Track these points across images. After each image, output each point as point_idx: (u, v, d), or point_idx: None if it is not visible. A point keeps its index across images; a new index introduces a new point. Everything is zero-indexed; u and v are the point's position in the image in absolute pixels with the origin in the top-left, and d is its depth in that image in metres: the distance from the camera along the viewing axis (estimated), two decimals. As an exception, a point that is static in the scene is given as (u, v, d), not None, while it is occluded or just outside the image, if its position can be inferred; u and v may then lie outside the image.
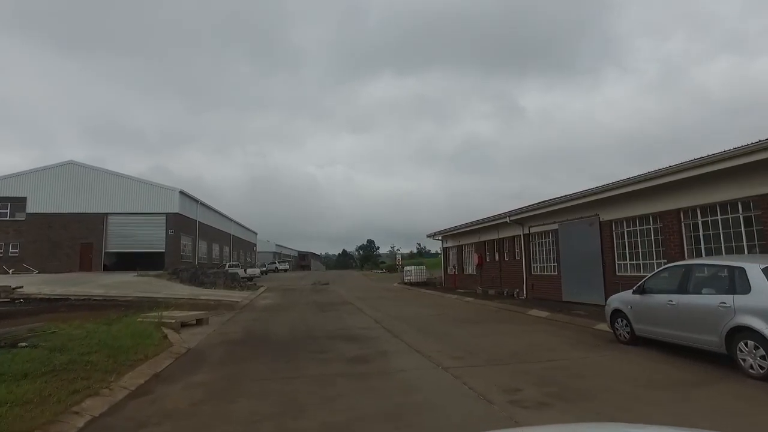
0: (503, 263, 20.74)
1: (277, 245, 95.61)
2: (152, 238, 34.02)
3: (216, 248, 47.05)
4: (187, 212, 36.88)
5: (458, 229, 25.22)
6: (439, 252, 48.47)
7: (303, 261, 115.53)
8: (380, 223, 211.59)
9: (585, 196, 14.08)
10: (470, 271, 24.63)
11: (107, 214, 33.79)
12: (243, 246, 62.11)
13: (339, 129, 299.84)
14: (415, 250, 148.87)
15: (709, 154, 9.40)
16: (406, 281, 30.18)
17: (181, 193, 35.19)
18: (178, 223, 34.64)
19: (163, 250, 33.86)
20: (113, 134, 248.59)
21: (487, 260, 22.42)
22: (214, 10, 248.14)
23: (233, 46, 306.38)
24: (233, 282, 27.93)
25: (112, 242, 33.86)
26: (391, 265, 73.00)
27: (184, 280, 25.34)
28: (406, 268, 30.20)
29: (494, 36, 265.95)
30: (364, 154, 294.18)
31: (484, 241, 22.66)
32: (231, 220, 54.21)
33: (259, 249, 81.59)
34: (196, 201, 39.34)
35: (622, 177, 12.51)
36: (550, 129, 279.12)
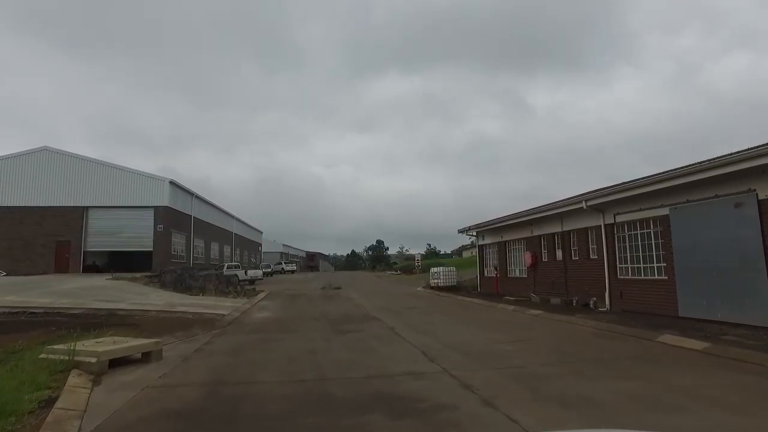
0: (570, 263, 16.01)
1: (284, 245, 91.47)
2: (139, 235, 29.68)
3: (215, 247, 42.71)
4: (179, 206, 32.51)
5: (501, 221, 20.52)
6: (454, 252, 43.23)
7: (311, 261, 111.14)
8: (388, 224, 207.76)
9: (730, 164, 9.32)
10: (517, 274, 19.94)
11: (87, 207, 29.52)
12: (246, 245, 57.83)
13: (345, 128, 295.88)
14: (424, 251, 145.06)
15: None
16: (433, 285, 25.55)
17: (172, 183, 30.83)
18: (168, 218, 30.28)
19: (151, 249, 29.50)
20: (120, 135, 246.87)
21: (544, 259, 17.72)
22: (217, 9, 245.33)
23: (238, 46, 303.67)
24: (228, 286, 23.49)
25: (93, 240, 29.56)
26: (407, 265, 68.42)
27: (166, 285, 20.92)
28: (434, 269, 25.60)
29: (502, 32, 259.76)
30: (371, 154, 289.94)
31: (540, 236, 17.94)
32: (233, 217, 49.90)
33: (264, 249, 77.42)
34: (191, 194, 34.97)
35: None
36: (558, 127, 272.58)
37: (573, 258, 15.88)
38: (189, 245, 34.33)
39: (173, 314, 13.39)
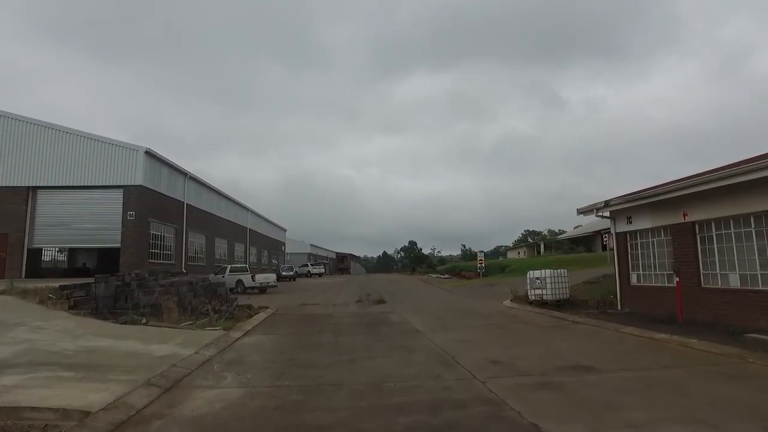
0: None
1: (311, 245, 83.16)
2: (105, 226, 21.43)
3: (222, 245, 34.35)
4: (164, 188, 24.15)
5: (686, 186, 10.77)
6: (500, 252, 33.56)
7: (341, 264, 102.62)
8: (418, 225, 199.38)
9: None
10: (733, 283, 10.18)
11: (34, 188, 21.47)
12: (266, 244, 49.54)
13: (373, 130, 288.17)
14: (459, 252, 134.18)
15: None
16: (533, 298, 15.99)
17: (149, 154, 22.42)
18: (144, 203, 21.93)
19: (118, 245, 21.17)
20: (152, 138, 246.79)
21: None
22: (243, 11, 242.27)
23: (263, 49, 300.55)
24: (212, 300, 14.75)
25: (42, 233, 21.46)
26: (453, 267, 58.61)
27: (100, 303, 12.26)
28: (534, 273, 16.03)
29: (535, 21, 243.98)
30: (399, 155, 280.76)
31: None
32: (248, 209, 41.60)
33: (290, 249, 69.43)
34: (182, 173, 26.59)
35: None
36: (593, 123, 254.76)
37: None
38: (180, 241, 25.93)
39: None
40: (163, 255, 23.99)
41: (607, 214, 14.67)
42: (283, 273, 43.54)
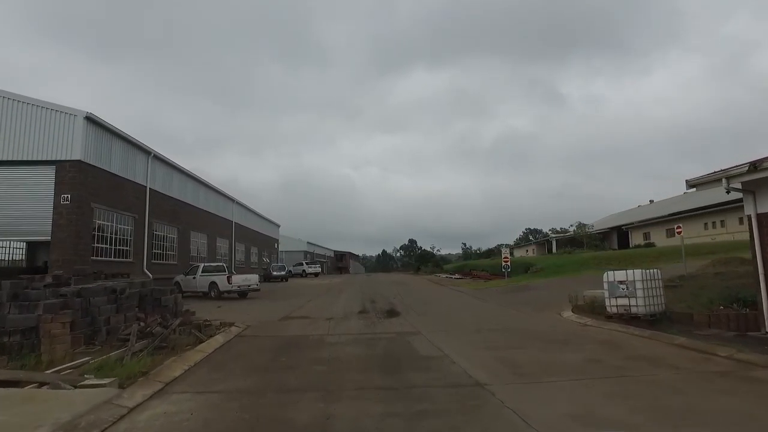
0: None
1: (308, 243, 78.07)
2: (32, 213, 16.52)
3: (199, 240, 29.39)
4: (116, 166, 19.22)
5: None
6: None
7: (340, 262, 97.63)
8: (417, 224, 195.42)
9: None
10: None
11: (-62, 163, 16.53)
12: (257, 241, 44.60)
13: (372, 128, 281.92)
14: (460, 251, 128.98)
15: None
16: (616, 310, 11.08)
17: (92, 122, 17.43)
18: (86, 184, 17.00)
19: (48, 238, 16.26)
20: (152, 138, 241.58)
21: None
22: (241, 10, 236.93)
23: (262, 48, 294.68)
24: (149, 316, 9.95)
25: (-51, 222, 16.51)
26: (462, 266, 53.72)
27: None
28: (616, 274, 11.18)
29: (536, 15, 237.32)
30: (399, 154, 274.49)
31: None
32: (233, 200, 36.63)
33: (286, 247, 64.56)
34: (146, 151, 21.63)
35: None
36: (594, 121, 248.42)
37: None
38: (141, 234, 20.99)
39: None
40: (115, 251, 19.06)
41: (738, 185, 9.75)
42: (274, 273, 38.65)
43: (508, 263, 26.13)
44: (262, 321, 12.47)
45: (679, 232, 16.97)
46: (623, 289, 11.14)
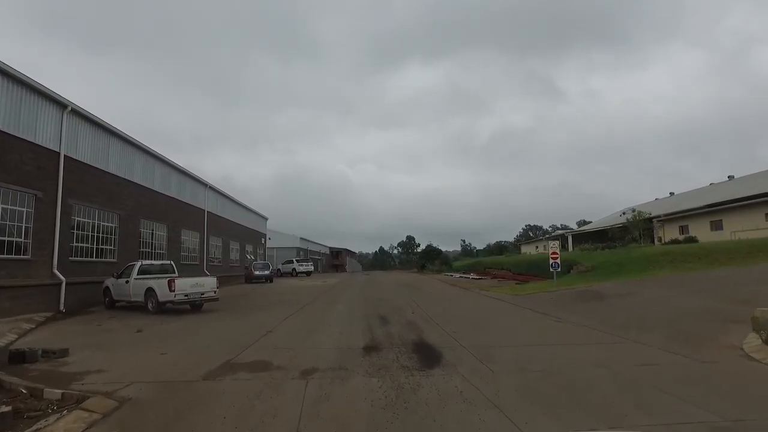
0: None
1: (301, 239, 71.63)
2: None
3: (158, 233, 23.03)
4: (10, 126, 12.89)
5: None
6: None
7: (336, 260, 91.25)
8: (415, 221, 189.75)
9: None
10: None
11: None
12: (238, 234, 38.23)
13: (368, 124, 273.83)
14: (459, 248, 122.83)
15: None
16: None
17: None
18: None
19: None
20: (145, 135, 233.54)
21: None
22: (235, 4, 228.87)
23: (256, 43, 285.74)
24: None
25: None
26: (470, 264, 47.57)
27: None
28: None
29: (533, 7, 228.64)
30: (395, 150, 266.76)
31: None
32: (205, 184, 30.27)
33: (277, 243, 58.31)
34: (58, 102, 15.24)
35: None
36: (591, 117, 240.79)
37: None
38: (49, 221, 14.67)
39: None
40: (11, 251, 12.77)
41: None
42: (256, 272, 32.36)
43: (558, 261, 19.85)
44: (170, 380, 6.21)
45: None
46: None
